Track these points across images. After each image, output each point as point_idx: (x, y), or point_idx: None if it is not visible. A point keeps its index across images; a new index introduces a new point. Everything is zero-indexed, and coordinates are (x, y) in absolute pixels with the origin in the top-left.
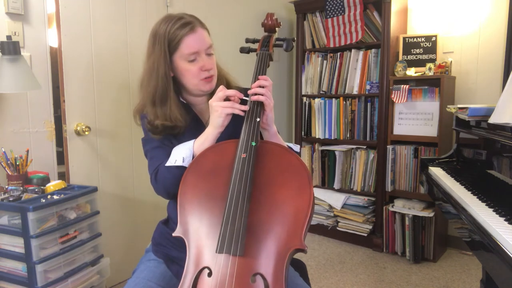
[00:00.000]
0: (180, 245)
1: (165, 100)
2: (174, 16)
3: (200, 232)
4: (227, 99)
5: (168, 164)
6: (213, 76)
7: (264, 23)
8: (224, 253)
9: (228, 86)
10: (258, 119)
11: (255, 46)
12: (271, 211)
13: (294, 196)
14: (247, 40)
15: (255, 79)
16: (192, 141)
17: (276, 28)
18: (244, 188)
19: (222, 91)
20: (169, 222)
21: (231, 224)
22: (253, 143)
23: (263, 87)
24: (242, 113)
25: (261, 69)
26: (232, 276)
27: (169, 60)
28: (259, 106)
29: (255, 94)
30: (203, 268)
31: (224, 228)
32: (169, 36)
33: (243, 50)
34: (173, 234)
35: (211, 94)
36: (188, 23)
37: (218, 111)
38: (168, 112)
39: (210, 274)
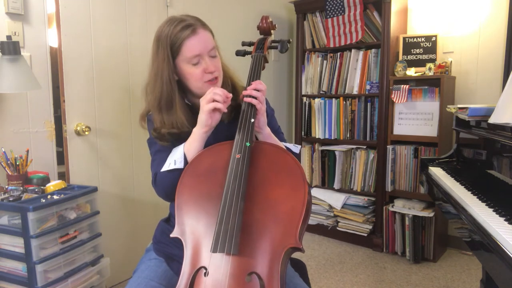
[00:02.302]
0: (181, 243)
1: (170, 106)
2: (176, 19)
3: (196, 232)
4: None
5: (163, 169)
6: (218, 78)
7: (259, 26)
8: (218, 252)
9: (234, 87)
10: (252, 120)
11: (251, 48)
12: (266, 210)
13: (288, 195)
14: (243, 43)
15: (249, 81)
16: (183, 144)
17: (272, 31)
18: (238, 187)
19: (211, 93)
20: (171, 220)
21: (225, 223)
22: (247, 144)
23: (258, 91)
24: (224, 109)
25: (255, 72)
26: (228, 275)
27: (172, 64)
28: (252, 107)
29: (249, 96)
30: (200, 268)
31: (218, 227)
32: (171, 39)
33: (238, 53)
34: (171, 235)
35: None
36: (189, 26)
37: (203, 107)
38: (175, 118)
39: (206, 274)
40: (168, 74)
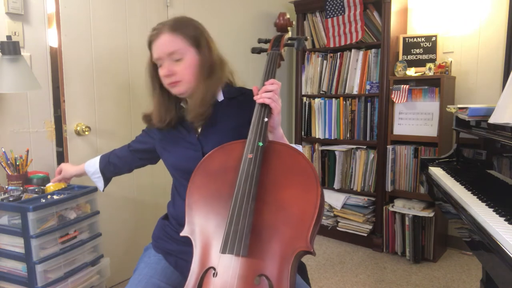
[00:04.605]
0: (177, 239)
1: (152, 97)
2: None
3: (206, 232)
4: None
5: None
6: (178, 82)
7: (276, 23)
8: (227, 253)
9: (214, 95)
10: (266, 120)
11: (268, 46)
12: (277, 212)
13: (300, 197)
14: (260, 40)
15: (264, 80)
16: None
17: (289, 28)
18: (249, 188)
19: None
20: (168, 217)
21: (235, 224)
22: (260, 144)
23: (270, 91)
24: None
25: (270, 69)
26: (237, 276)
27: (151, 65)
28: (266, 107)
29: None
30: (209, 268)
31: (228, 228)
32: (148, 43)
33: (254, 51)
34: (181, 234)
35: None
36: (155, 29)
37: None
38: (153, 107)
39: (215, 275)
40: (149, 72)
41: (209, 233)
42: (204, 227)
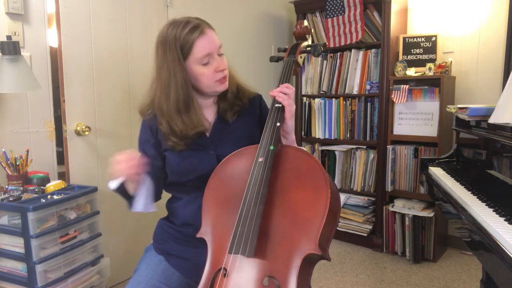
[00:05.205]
0: (180, 238)
1: (188, 107)
2: (181, 21)
3: (218, 234)
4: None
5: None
6: (226, 76)
7: (294, 32)
8: (234, 254)
9: (238, 86)
10: (278, 124)
11: (285, 55)
12: (285, 214)
13: (309, 200)
14: (279, 49)
15: (278, 85)
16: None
17: (307, 35)
18: (257, 191)
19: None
20: (169, 218)
21: (242, 226)
22: (271, 147)
23: (285, 94)
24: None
25: (284, 76)
26: (246, 277)
27: (184, 65)
28: (280, 112)
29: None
30: (220, 268)
31: (236, 230)
32: (180, 41)
33: (272, 59)
34: (197, 235)
35: (218, 96)
36: (197, 26)
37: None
38: (195, 117)
39: (226, 275)
40: (182, 75)
41: (221, 235)
42: (217, 229)
